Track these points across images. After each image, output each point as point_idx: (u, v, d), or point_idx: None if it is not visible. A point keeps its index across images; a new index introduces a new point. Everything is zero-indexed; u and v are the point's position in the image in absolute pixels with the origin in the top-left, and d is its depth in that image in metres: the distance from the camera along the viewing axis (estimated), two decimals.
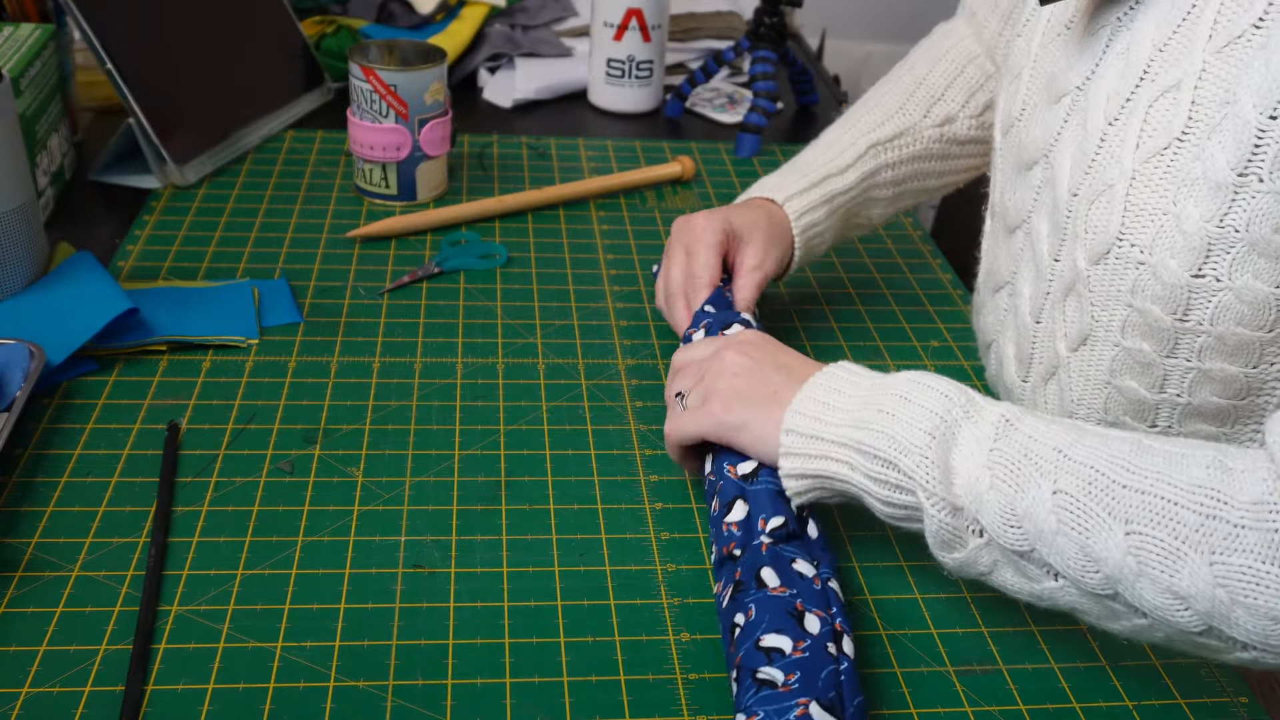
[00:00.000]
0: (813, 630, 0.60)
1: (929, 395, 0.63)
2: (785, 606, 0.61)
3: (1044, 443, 0.60)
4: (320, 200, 1.09)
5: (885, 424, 0.63)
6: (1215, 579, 0.54)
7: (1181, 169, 0.62)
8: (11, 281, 0.87)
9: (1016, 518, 0.59)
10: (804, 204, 0.88)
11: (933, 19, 1.05)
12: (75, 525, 0.70)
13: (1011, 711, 0.63)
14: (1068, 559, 0.58)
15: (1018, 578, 0.61)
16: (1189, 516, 0.55)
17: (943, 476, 0.61)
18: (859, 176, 0.90)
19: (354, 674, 0.62)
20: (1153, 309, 0.64)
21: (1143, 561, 0.56)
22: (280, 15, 1.24)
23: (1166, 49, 0.63)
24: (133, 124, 1.05)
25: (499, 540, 0.72)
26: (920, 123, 0.93)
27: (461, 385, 0.85)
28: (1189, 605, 0.55)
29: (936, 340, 0.95)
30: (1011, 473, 0.59)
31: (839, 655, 0.59)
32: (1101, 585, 0.58)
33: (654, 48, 1.30)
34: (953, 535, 0.62)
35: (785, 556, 0.64)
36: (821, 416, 0.65)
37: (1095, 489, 0.57)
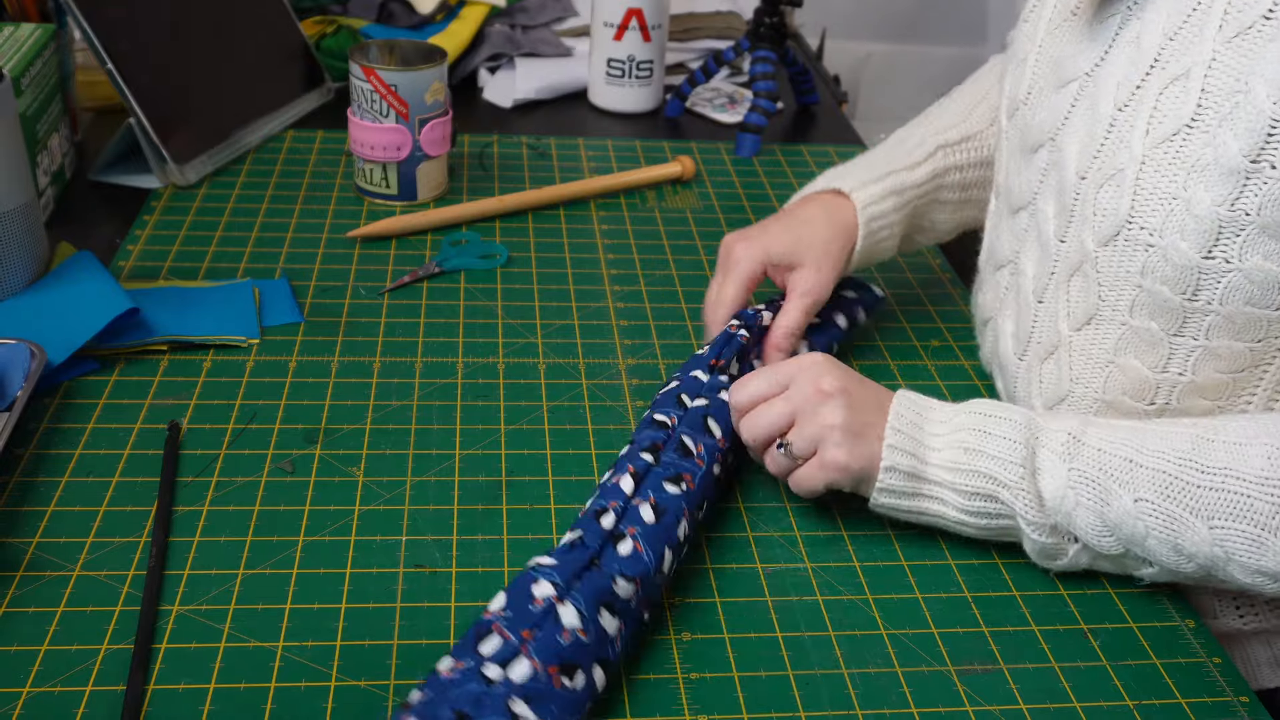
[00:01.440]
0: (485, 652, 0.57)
1: (1004, 426, 0.68)
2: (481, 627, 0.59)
3: (1113, 454, 0.65)
4: (320, 200, 1.09)
5: (975, 462, 0.67)
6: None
7: (1191, 154, 0.63)
8: (12, 281, 0.87)
9: (1108, 528, 0.66)
10: (872, 194, 0.87)
11: (932, 19, 1.05)
12: (76, 525, 0.70)
13: (1012, 711, 0.63)
14: (1161, 556, 0.65)
15: (1116, 568, 0.69)
16: (1263, 506, 0.62)
17: (1038, 504, 0.67)
18: (929, 173, 0.89)
19: (355, 674, 0.62)
20: (1162, 289, 0.66)
21: (1229, 550, 0.63)
22: (280, 15, 1.25)
23: (1177, 38, 0.65)
24: (133, 124, 1.05)
25: (500, 540, 0.72)
26: (986, 130, 0.92)
27: (462, 385, 0.85)
28: (1276, 580, 0.63)
29: (937, 340, 0.95)
30: (1093, 489, 0.65)
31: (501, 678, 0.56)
32: (1195, 572, 0.65)
33: (654, 48, 1.30)
34: (1054, 549, 0.68)
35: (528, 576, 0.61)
36: (915, 452, 0.68)
37: (1173, 492, 0.64)
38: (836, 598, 0.69)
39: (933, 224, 0.93)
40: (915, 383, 0.89)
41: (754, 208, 1.14)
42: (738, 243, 0.85)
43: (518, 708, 0.55)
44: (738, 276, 0.84)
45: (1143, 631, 0.69)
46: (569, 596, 0.60)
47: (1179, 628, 0.69)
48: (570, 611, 0.59)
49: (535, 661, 0.57)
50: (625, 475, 0.68)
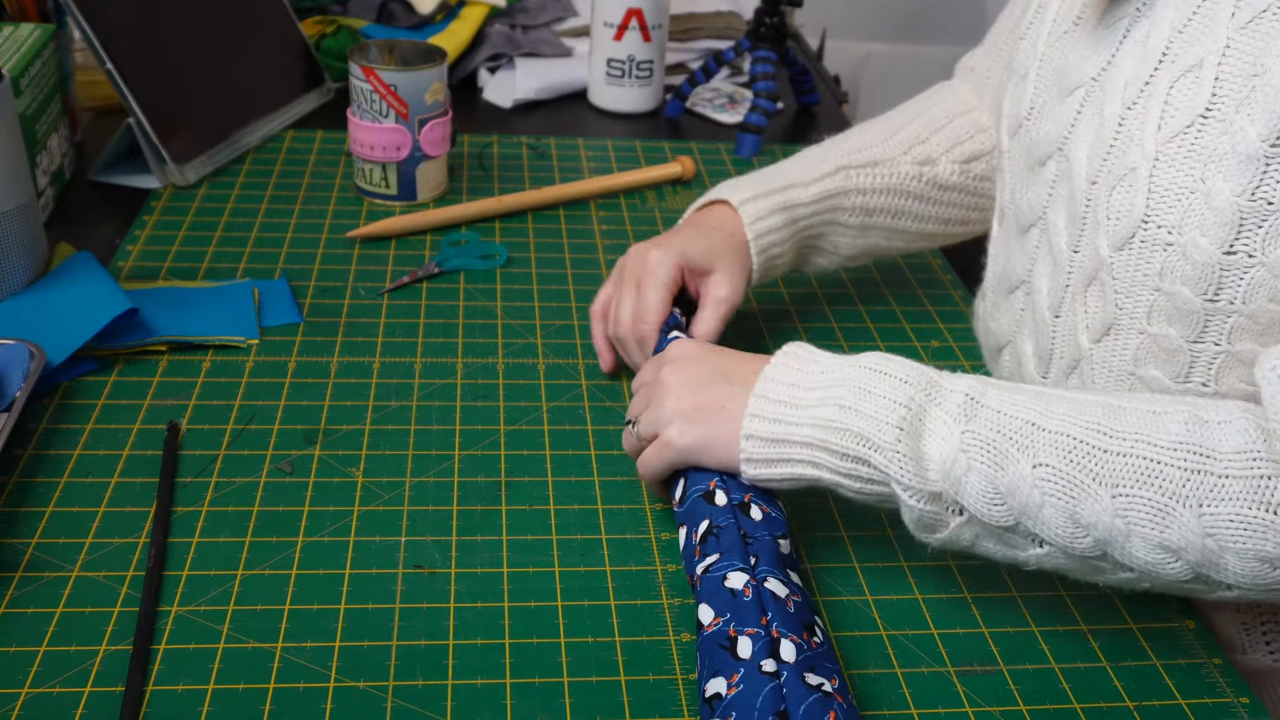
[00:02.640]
0: (744, 655, 0.58)
1: (889, 385, 0.63)
2: (718, 641, 0.59)
3: (1015, 416, 0.60)
4: (320, 200, 1.09)
5: (849, 420, 0.62)
6: (1204, 530, 0.57)
7: (1207, 145, 0.61)
8: (11, 281, 0.87)
9: (1000, 495, 0.60)
10: (760, 209, 0.85)
11: (932, 19, 1.05)
12: (75, 525, 0.70)
13: (1012, 712, 0.63)
14: (1055, 528, 0.60)
15: (1000, 547, 0.63)
16: (1174, 473, 0.57)
17: (917, 468, 0.61)
18: (821, 192, 0.87)
19: (354, 674, 0.62)
20: (1182, 290, 0.63)
21: (1131, 522, 0.58)
22: (280, 15, 1.24)
23: (1186, 30, 0.63)
24: (133, 124, 1.05)
25: (499, 540, 0.72)
26: (898, 157, 0.90)
27: (461, 385, 0.85)
28: (1179, 557, 0.58)
29: (937, 340, 0.95)
30: (988, 452, 0.60)
31: (778, 667, 0.57)
32: (1091, 548, 0.60)
33: (654, 48, 1.30)
34: (933, 519, 0.63)
35: (715, 577, 0.62)
36: (781, 417, 0.65)
37: (1076, 457, 0.59)
38: (836, 598, 0.69)
39: (834, 247, 0.90)
40: None
41: None
42: (652, 249, 0.83)
43: (810, 679, 0.57)
44: (660, 283, 0.81)
45: (1143, 632, 0.69)
46: (760, 572, 0.62)
47: (1179, 628, 0.69)
48: (774, 584, 0.61)
49: (792, 636, 0.58)
50: None
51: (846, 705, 0.56)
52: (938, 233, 0.94)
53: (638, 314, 0.81)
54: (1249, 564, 0.57)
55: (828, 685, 0.57)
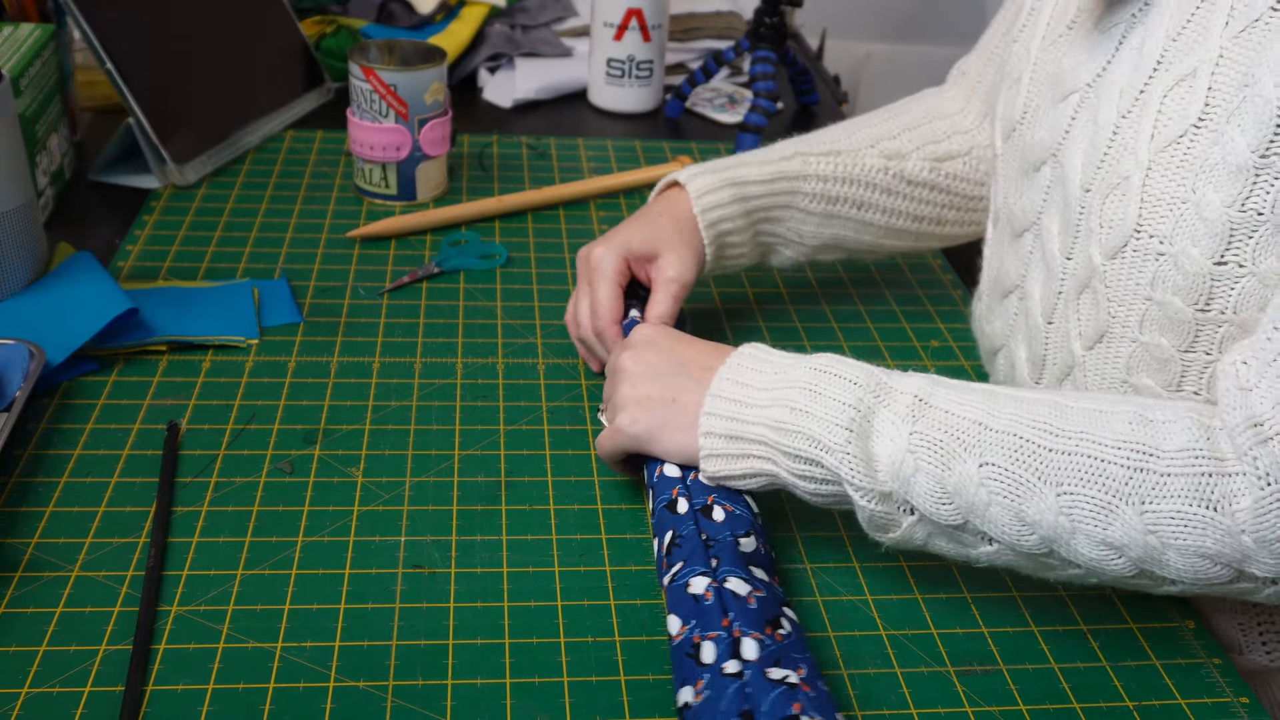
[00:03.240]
0: (708, 660, 0.58)
1: (838, 386, 0.63)
2: (684, 650, 0.59)
3: (962, 416, 0.61)
4: (320, 200, 1.09)
5: (800, 422, 0.63)
6: (1146, 527, 0.58)
7: (1199, 155, 0.61)
8: (11, 281, 0.87)
9: (947, 495, 0.61)
10: (707, 184, 0.84)
11: (932, 19, 1.05)
12: (75, 525, 0.70)
13: (1012, 712, 0.63)
14: (1002, 526, 0.61)
15: (952, 545, 0.64)
16: (1117, 471, 0.58)
17: (866, 469, 0.62)
18: (775, 173, 0.86)
19: (354, 674, 0.62)
20: (1173, 300, 0.63)
21: (1075, 519, 0.59)
22: (280, 15, 1.24)
23: (1180, 38, 0.63)
24: (133, 124, 1.05)
25: (499, 540, 0.72)
26: (863, 149, 0.89)
27: (461, 385, 0.85)
28: (1123, 554, 0.59)
29: (936, 340, 0.95)
30: (935, 452, 0.61)
31: (741, 667, 0.57)
32: (1037, 546, 0.61)
33: (654, 48, 1.30)
34: (885, 519, 0.64)
35: (679, 585, 0.62)
36: (736, 415, 0.66)
37: (1022, 456, 0.60)
38: (836, 598, 0.69)
39: (799, 235, 0.89)
40: None
41: None
42: (595, 247, 0.83)
43: (774, 673, 0.57)
44: (607, 278, 0.82)
45: (1143, 632, 0.69)
46: (721, 573, 0.62)
47: (1179, 628, 0.69)
48: (735, 582, 0.61)
49: (754, 634, 0.58)
50: (665, 466, 0.69)
51: (815, 692, 0.56)
52: (910, 229, 0.92)
53: (592, 311, 0.82)
54: (1190, 560, 0.58)
55: (793, 676, 0.57)
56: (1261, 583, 0.59)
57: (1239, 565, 0.58)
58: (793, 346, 0.73)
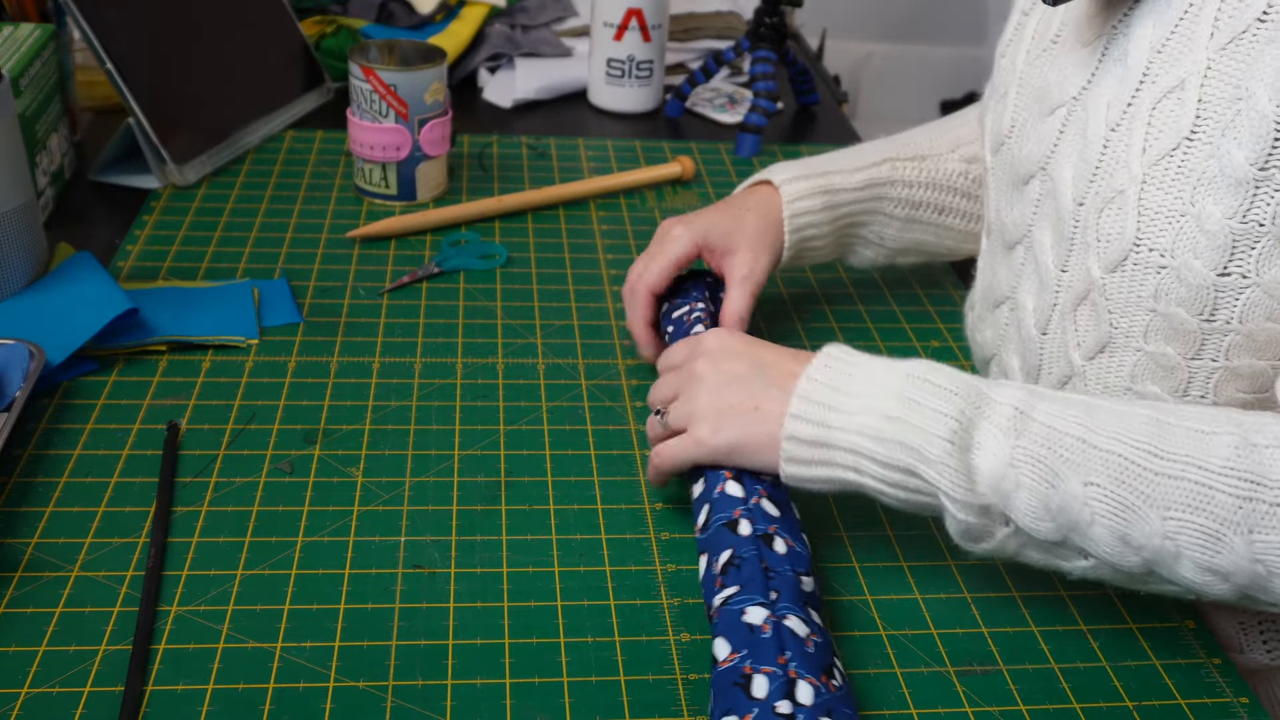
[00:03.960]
0: (759, 694, 0.56)
1: (938, 397, 0.62)
2: (732, 678, 0.58)
3: (1065, 432, 0.60)
4: (320, 200, 1.09)
5: (897, 432, 0.62)
6: (1254, 555, 0.57)
7: (1195, 168, 0.61)
8: (11, 281, 0.87)
9: (1049, 513, 0.60)
10: (800, 190, 0.86)
11: (932, 19, 1.05)
12: (75, 525, 0.70)
13: (1012, 712, 0.63)
14: (1104, 546, 0.60)
15: (1045, 556, 0.63)
16: (1225, 499, 0.57)
17: (966, 481, 0.61)
18: (866, 180, 0.88)
19: (354, 674, 0.62)
20: (1178, 312, 0.63)
21: (1181, 545, 0.58)
22: (280, 15, 1.24)
23: (1165, 50, 0.63)
24: (133, 124, 1.05)
25: (499, 540, 0.72)
26: (945, 154, 0.91)
27: (461, 385, 0.85)
28: (1228, 580, 0.58)
29: (936, 340, 0.95)
30: (1038, 469, 0.60)
31: (794, 710, 0.55)
32: (1139, 567, 0.60)
33: (654, 48, 1.30)
34: (981, 531, 0.62)
35: (734, 610, 0.61)
36: (823, 420, 0.64)
37: (1127, 477, 0.59)
38: (836, 598, 0.69)
39: (879, 238, 0.91)
40: None
41: None
42: (676, 224, 0.85)
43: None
44: (668, 256, 0.84)
45: (1143, 632, 0.69)
46: (780, 609, 0.60)
47: (1179, 628, 0.69)
48: (795, 621, 0.60)
49: (810, 678, 0.57)
50: (726, 481, 0.67)
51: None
52: None
53: (637, 275, 0.85)
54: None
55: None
56: None
57: None
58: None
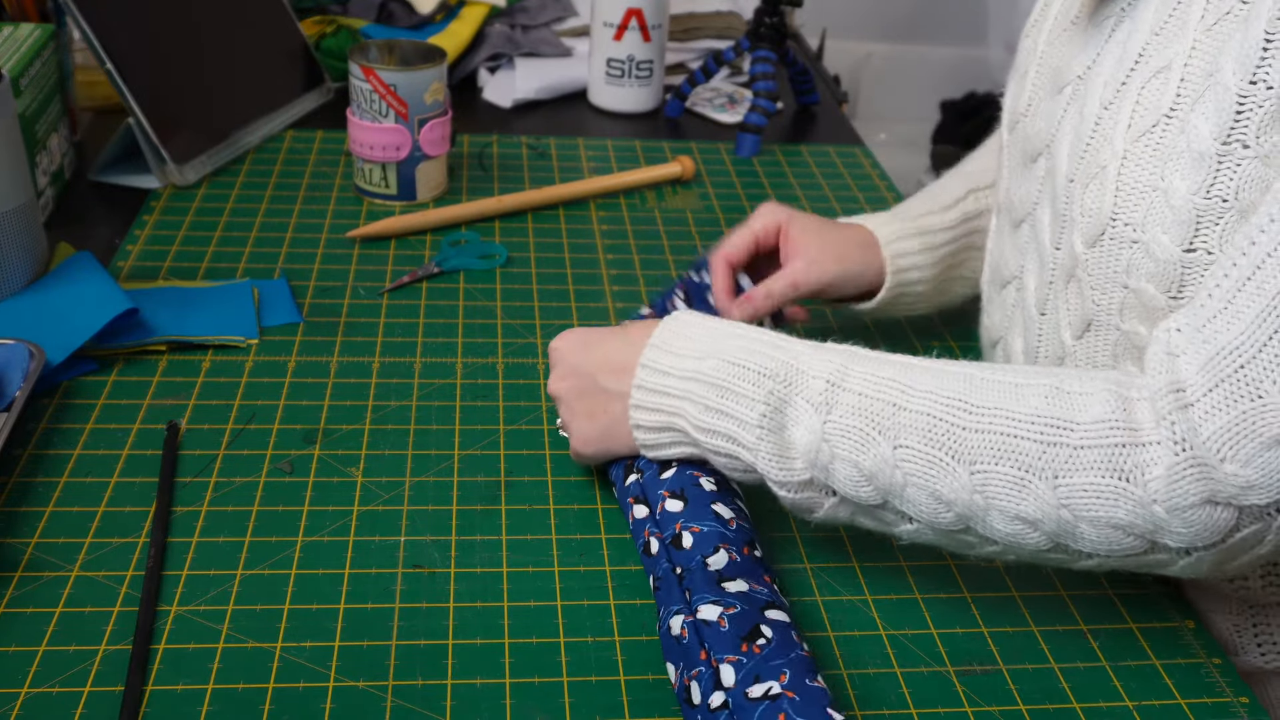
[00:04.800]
0: (697, 700, 0.58)
1: (749, 381, 0.65)
2: (681, 695, 0.60)
3: (876, 398, 0.62)
4: (320, 200, 1.09)
5: (713, 421, 0.66)
6: (1059, 500, 0.58)
7: (1168, 145, 0.62)
8: (11, 281, 0.87)
9: (865, 478, 0.62)
10: (896, 231, 0.87)
11: (932, 19, 1.05)
12: (75, 525, 0.70)
13: (1011, 711, 0.63)
14: (919, 506, 0.62)
15: (875, 522, 0.65)
16: (1030, 446, 0.58)
17: (782, 461, 0.64)
18: (959, 216, 0.88)
19: (354, 674, 0.62)
20: (1147, 288, 0.63)
21: (989, 496, 0.60)
22: (280, 15, 1.24)
23: (1162, 32, 0.64)
24: (133, 124, 1.05)
25: (499, 540, 0.72)
26: None
27: (461, 385, 0.85)
28: (1037, 528, 0.60)
29: (936, 340, 0.95)
30: (850, 438, 0.62)
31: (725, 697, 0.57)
32: (953, 523, 0.62)
33: (654, 48, 1.30)
34: (808, 503, 0.66)
35: (664, 630, 0.63)
36: (659, 406, 0.68)
37: (935, 436, 0.60)
38: (835, 598, 0.69)
39: (974, 271, 0.91)
40: None
41: (754, 208, 1.14)
42: (771, 204, 0.88)
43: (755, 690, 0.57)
44: (749, 227, 0.86)
45: (1143, 632, 0.69)
46: (695, 603, 0.62)
47: (1179, 628, 0.69)
48: (706, 609, 0.61)
49: (729, 657, 0.58)
50: (632, 506, 0.70)
51: (799, 696, 0.56)
52: None
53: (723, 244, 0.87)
54: (1103, 531, 0.58)
55: (775, 686, 0.56)
56: (1175, 554, 0.59)
57: (1152, 536, 0.58)
58: None
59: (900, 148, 2.81)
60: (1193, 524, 0.56)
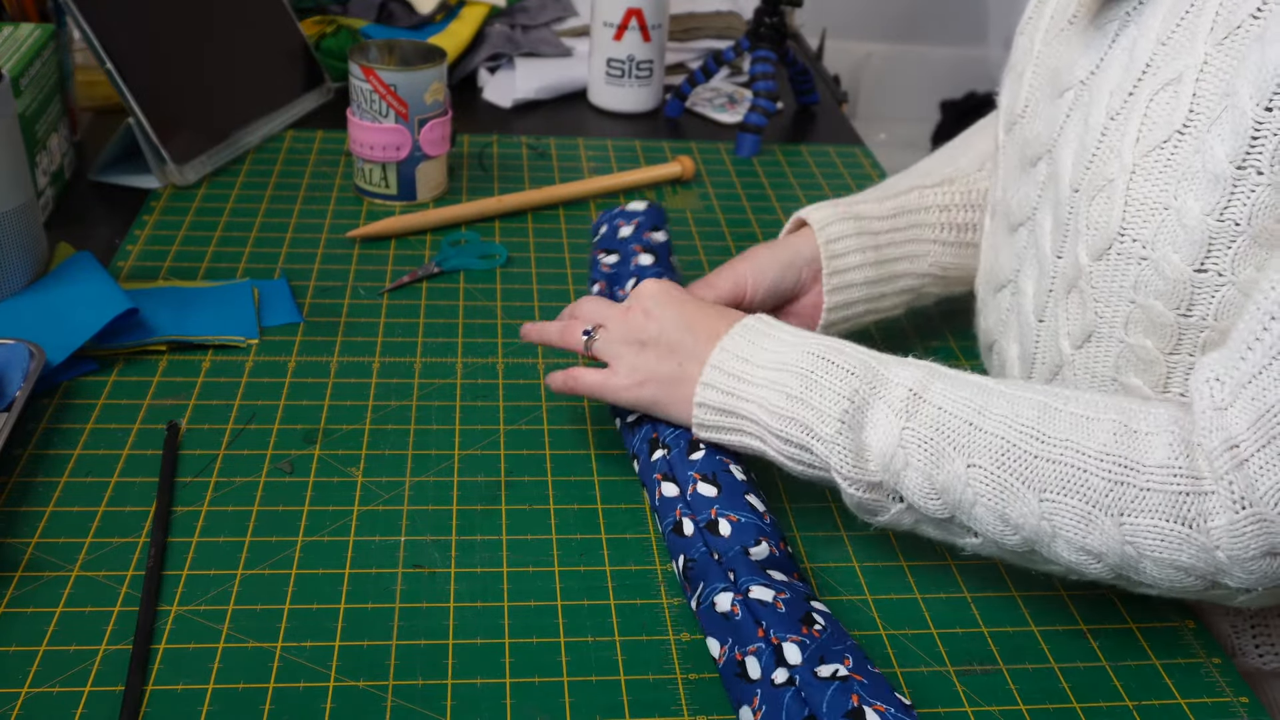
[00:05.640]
0: (755, 676, 0.59)
1: (835, 375, 0.65)
2: (732, 670, 0.61)
3: (954, 415, 0.63)
4: (320, 200, 1.09)
5: (794, 409, 0.66)
6: (1124, 537, 0.60)
7: (1182, 162, 0.61)
8: (11, 281, 0.87)
9: (935, 491, 0.63)
10: (829, 215, 0.84)
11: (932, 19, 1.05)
12: (75, 525, 0.70)
13: (1011, 711, 0.63)
14: (986, 524, 0.63)
15: (939, 532, 0.66)
16: (1098, 483, 0.60)
17: (857, 460, 0.64)
18: (896, 208, 0.86)
19: (354, 674, 0.62)
20: (1155, 304, 0.64)
21: (1056, 525, 0.61)
22: (280, 15, 1.24)
23: (1170, 42, 0.63)
24: (133, 124, 1.05)
25: (499, 540, 0.72)
26: (972, 174, 0.89)
27: (461, 385, 0.85)
28: (1101, 560, 0.61)
29: (936, 340, 0.95)
30: (925, 449, 0.63)
31: (790, 673, 0.58)
32: (1019, 545, 0.63)
33: (654, 48, 1.30)
34: (874, 505, 0.66)
35: (706, 607, 0.63)
36: (733, 390, 0.68)
37: (1008, 460, 0.61)
38: (836, 598, 0.69)
39: (942, 269, 0.88)
40: None
41: (754, 208, 1.14)
42: None
43: (823, 670, 0.58)
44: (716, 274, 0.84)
45: (1143, 632, 0.69)
46: (742, 583, 0.63)
47: (1179, 628, 0.69)
48: (759, 589, 0.62)
49: (791, 637, 0.60)
50: (663, 484, 0.70)
51: (867, 680, 0.57)
52: None
53: None
54: (1166, 570, 0.60)
55: (842, 669, 0.57)
56: (1235, 591, 0.60)
57: (1213, 578, 0.59)
58: None
59: (900, 148, 2.81)
60: (1254, 572, 0.58)
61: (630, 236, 0.86)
